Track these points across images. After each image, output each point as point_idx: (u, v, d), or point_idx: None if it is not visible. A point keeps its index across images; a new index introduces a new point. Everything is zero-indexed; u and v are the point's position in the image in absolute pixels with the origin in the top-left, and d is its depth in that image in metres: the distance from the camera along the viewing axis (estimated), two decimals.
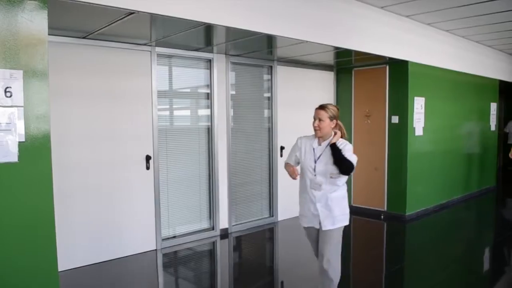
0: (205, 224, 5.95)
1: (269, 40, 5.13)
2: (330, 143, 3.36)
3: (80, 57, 4.55)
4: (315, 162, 3.45)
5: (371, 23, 5.65)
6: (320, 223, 3.48)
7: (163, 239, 5.37)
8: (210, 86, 5.78)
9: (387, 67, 6.86)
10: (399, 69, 6.71)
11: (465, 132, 8.45)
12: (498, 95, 9.95)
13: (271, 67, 6.49)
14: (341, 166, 3.32)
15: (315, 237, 3.64)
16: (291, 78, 6.77)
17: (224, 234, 5.99)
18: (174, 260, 5.19)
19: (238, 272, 5.05)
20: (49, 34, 2.88)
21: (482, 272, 5.00)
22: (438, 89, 7.44)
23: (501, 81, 9.66)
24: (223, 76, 5.87)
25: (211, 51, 5.63)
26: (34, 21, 2.73)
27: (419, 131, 6.97)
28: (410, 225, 6.70)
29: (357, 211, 7.32)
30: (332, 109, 3.40)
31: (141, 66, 5.05)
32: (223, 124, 5.91)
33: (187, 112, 5.95)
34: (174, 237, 5.54)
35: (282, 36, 4.65)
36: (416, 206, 7.03)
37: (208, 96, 5.80)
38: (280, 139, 6.63)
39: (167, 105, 5.55)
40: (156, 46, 5.11)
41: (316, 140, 3.49)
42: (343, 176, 3.45)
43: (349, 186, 7.41)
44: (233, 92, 6.10)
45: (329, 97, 7.51)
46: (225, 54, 5.85)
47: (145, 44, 5.00)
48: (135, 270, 4.78)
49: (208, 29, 4.45)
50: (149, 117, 5.13)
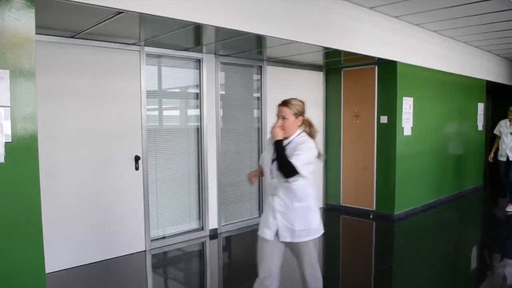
0: (195, 225, 5.93)
1: (259, 40, 5.13)
2: (274, 140, 2.95)
3: (69, 57, 4.51)
4: (272, 163, 3.04)
5: (360, 24, 5.67)
6: (278, 234, 3.03)
7: (152, 240, 5.35)
8: (200, 86, 5.76)
9: (376, 68, 6.90)
10: (388, 70, 6.75)
11: (453, 132, 8.52)
12: (485, 96, 10.05)
13: (261, 67, 6.48)
14: (280, 168, 2.91)
15: (268, 252, 3.11)
16: (281, 78, 6.77)
17: (214, 235, 5.97)
18: (164, 261, 5.17)
19: (228, 273, 5.04)
20: (37, 34, 2.85)
21: (469, 271, 5.05)
22: (427, 89, 7.50)
23: (488, 82, 9.76)
24: (213, 76, 5.86)
25: (201, 51, 5.62)
26: (21, 20, 2.69)
27: (408, 131, 7.02)
28: (399, 225, 6.75)
29: (346, 211, 7.35)
30: (297, 104, 3.02)
31: (130, 66, 5.02)
32: (213, 124, 5.90)
33: (177, 112, 5.93)
34: (164, 238, 5.51)
35: (272, 36, 4.65)
36: (405, 206, 7.07)
37: (198, 96, 5.78)
38: None
39: (156, 105, 5.52)
40: (145, 46, 5.08)
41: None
42: (305, 183, 3.02)
43: (338, 186, 7.47)
44: (223, 92, 6.08)
45: (319, 97, 7.53)
46: (215, 54, 5.83)
47: (134, 44, 4.97)
48: (124, 272, 4.75)
49: (198, 29, 4.44)
50: (138, 117, 5.10)
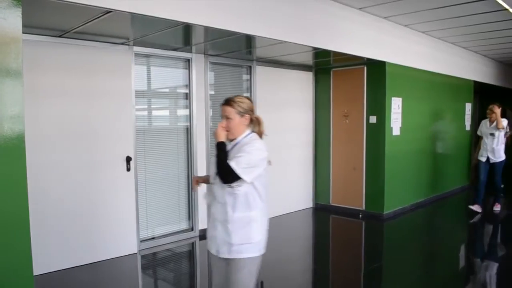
0: (184, 225, 5.91)
1: (248, 40, 5.13)
2: (216, 141, 2.65)
3: (57, 56, 4.46)
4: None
5: (350, 24, 5.69)
6: (217, 249, 2.71)
7: (142, 241, 5.31)
8: (189, 86, 5.74)
9: (365, 68, 6.93)
10: (377, 70, 6.78)
11: (441, 132, 8.59)
12: (473, 96, 10.15)
13: (250, 67, 6.48)
14: (218, 172, 2.59)
15: (216, 268, 2.84)
16: (270, 78, 6.78)
17: (203, 235, 5.93)
18: (153, 262, 5.14)
19: None
20: (24, 33, 2.82)
21: (457, 270, 5.09)
22: (415, 90, 7.55)
23: (476, 82, 9.86)
24: (202, 76, 5.84)
25: (190, 51, 5.60)
26: (7, 19, 2.66)
27: (397, 131, 7.07)
28: (388, 224, 6.79)
29: (336, 210, 7.38)
30: (241, 102, 2.75)
31: (120, 66, 4.96)
32: (202, 124, 5.88)
33: (166, 112, 5.90)
34: (153, 239, 5.49)
35: (261, 36, 4.64)
36: (394, 205, 7.12)
37: (187, 96, 5.76)
38: None
39: (146, 105, 5.49)
40: (134, 46, 5.05)
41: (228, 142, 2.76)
42: (251, 190, 2.61)
43: (328, 186, 7.49)
44: (212, 92, 6.07)
45: (308, 97, 7.55)
46: (204, 54, 5.82)
47: (123, 44, 4.93)
48: (114, 273, 4.71)
49: (187, 29, 4.42)
50: (129, 117, 5.05)
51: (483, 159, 7.23)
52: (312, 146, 7.69)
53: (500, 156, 7.14)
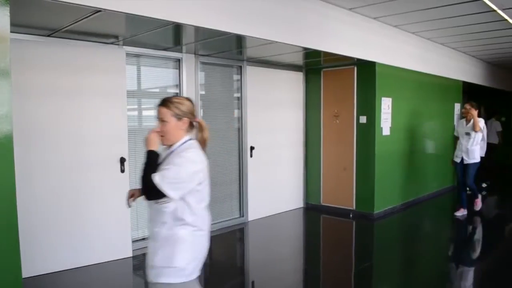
0: None
1: (239, 40, 5.12)
2: (147, 150, 2.35)
3: (46, 56, 4.39)
4: None
5: (340, 25, 5.71)
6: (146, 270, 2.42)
7: (133, 241, 5.26)
8: (179, 86, 5.72)
9: (355, 68, 6.96)
10: (367, 70, 6.81)
11: (430, 132, 8.65)
12: (462, 96, 10.23)
13: (241, 67, 6.48)
14: (141, 185, 2.30)
15: None
16: (261, 79, 6.78)
17: None
18: (144, 263, 5.09)
19: (209, 273, 5.01)
20: (12, 32, 2.79)
21: (447, 269, 5.13)
22: (405, 90, 7.59)
23: (465, 82, 9.94)
24: (192, 76, 5.82)
25: (180, 51, 5.58)
26: None
27: (386, 131, 7.10)
28: (378, 223, 6.82)
29: (327, 210, 7.40)
30: (179, 103, 2.37)
31: (112, 65, 4.87)
32: None
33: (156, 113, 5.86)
34: (144, 239, 5.44)
35: (251, 36, 4.63)
36: (384, 205, 7.15)
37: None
38: (250, 139, 6.63)
39: (136, 105, 5.46)
40: (124, 45, 5.01)
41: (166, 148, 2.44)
42: (181, 207, 2.26)
43: (318, 186, 7.50)
44: (203, 92, 6.06)
45: (298, 98, 7.56)
46: (194, 54, 5.80)
47: (113, 43, 4.89)
48: (106, 275, 4.67)
49: (177, 29, 4.41)
50: (121, 118, 4.94)
51: (458, 160, 6.97)
52: (303, 146, 7.71)
53: (474, 158, 6.79)
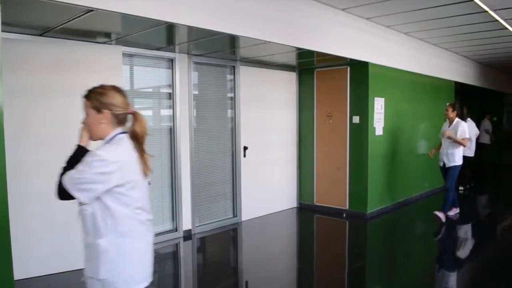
0: (168, 226, 5.87)
1: (232, 40, 5.12)
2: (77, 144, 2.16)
3: (37, 55, 4.33)
4: None
5: (333, 25, 5.72)
6: None
7: None
8: (172, 86, 5.71)
9: (348, 68, 6.98)
10: (360, 70, 6.83)
11: (423, 132, 8.69)
12: (454, 96, 10.29)
13: (234, 67, 6.47)
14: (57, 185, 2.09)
15: None
16: (254, 79, 6.78)
17: (188, 236, 5.93)
18: None
19: (203, 274, 5.02)
20: (3, 31, 2.77)
21: (440, 267, 5.16)
22: (397, 90, 7.62)
23: (457, 83, 10.00)
24: (186, 76, 5.81)
25: (173, 51, 5.57)
26: None
27: (379, 131, 7.13)
28: (371, 223, 6.84)
29: (320, 210, 7.41)
30: (101, 94, 2.09)
31: (105, 64, 4.74)
32: (186, 124, 5.85)
33: (149, 112, 5.85)
34: None
35: (245, 36, 4.64)
36: (377, 204, 7.18)
37: (170, 96, 5.73)
38: (243, 139, 6.63)
39: None
40: (117, 45, 4.98)
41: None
42: (99, 211, 1.99)
43: (312, 185, 7.51)
44: (196, 92, 6.05)
45: (292, 98, 7.57)
46: (188, 54, 5.79)
47: (105, 43, 4.87)
48: None
49: (170, 28, 4.40)
50: None
51: (441, 164, 6.76)
52: (296, 146, 7.72)
53: (454, 161, 6.47)
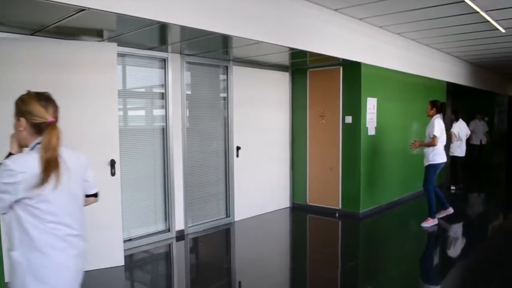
0: (161, 226, 5.85)
1: (225, 40, 5.11)
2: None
3: (29, 54, 4.25)
4: None
5: (326, 25, 5.74)
6: None
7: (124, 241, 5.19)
8: (165, 86, 5.69)
9: (341, 68, 6.99)
10: (352, 70, 6.85)
11: (415, 132, 8.73)
12: (446, 96, 10.36)
13: (227, 67, 6.47)
14: None
15: None
16: (247, 79, 6.78)
17: (180, 236, 5.91)
18: (130, 263, 5.06)
19: (196, 274, 5.01)
20: None
21: (432, 267, 5.19)
22: (390, 90, 7.66)
23: (448, 83, 10.07)
24: (178, 76, 5.80)
25: (166, 50, 5.55)
26: None
27: (372, 131, 7.15)
28: (364, 223, 6.87)
29: (313, 210, 7.43)
30: (19, 100, 2.07)
31: (99, 62, 4.60)
32: (179, 125, 5.83)
33: (142, 112, 5.84)
34: (130, 240, 5.41)
35: (238, 36, 4.63)
36: (370, 204, 7.20)
37: (163, 96, 5.71)
38: (236, 139, 6.63)
39: (121, 105, 5.41)
40: (111, 42, 4.93)
41: None
42: (15, 220, 1.94)
43: (305, 185, 7.53)
44: (189, 92, 6.03)
45: (285, 98, 7.58)
46: (180, 54, 5.78)
47: (98, 42, 4.84)
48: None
49: (162, 28, 4.38)
50: (112, 118, 4.64)
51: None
52: (289, 146, 7.73)
53: (428, 160, 6.38)
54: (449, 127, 8.92)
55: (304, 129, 7.54)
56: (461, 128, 9.14)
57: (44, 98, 2.06)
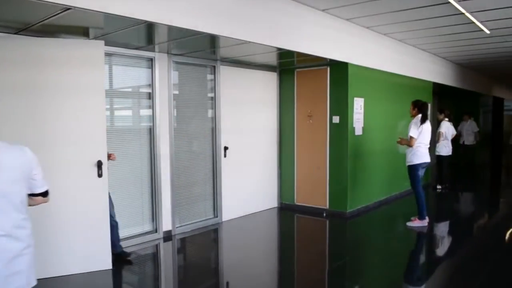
0: (148, 227, 5.82)
1: (212, 40, 5.10)
2: None
3: (14, 52, 4.18)
4: None
5: (313, 26, 5.75)
6: None
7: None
8: (152, 86, 5.65)
9: (328, 69, 7.01)
10: (339, 71, 6.87)
11: (402, 131, 8.78)
12: (432, 96, 10.45)
13: (214, 67, 6.45)
14: None
15: None
16: (235, 79, 6.77)
17: (168, 237, 5.88)
18: (117, 264, 5.01)
19: (183, 275, 4.99)
20: None
21: (419, 265, 5.23)
22: (376, 90, 7.70)
23: (435, 83, 10.16)
24: (165, 76, 5.76)
25: (153, 50, 5.51)
26: None
27: (359, 131, 7.19)
28: (351, 222, 6.90)
29: (301, 209, 7.44)
30: None
31: (86, 60, 4.51)
32: (166, 125, 5.80)
33: (129, 112, 5.79)
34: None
35: (225, 36, 4.63)
36: (357, 203, 7.24)
37: (150, 96, 5.67)
38: (224, 140, 6.62)
39: (108, 105, 5.36)
40: (98, 40, 4.87)
41: None
42: None
43: (292, 185, 7.54)
44: (176, 92, 6.00)
45: (272, 98, 7.58)
46: (167, 53, 5.74)
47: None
48: (79, 276, 4.58)
49: (149, 28, 4.36)
50: (99, 118, 4.56)
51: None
52: (277, 146, 7.73)
53: (406, 161, 6.43)
54: (435, 127, 8.99)
55: (292, 129, 7.56)
56: (449, 128, 9.25)
57: None
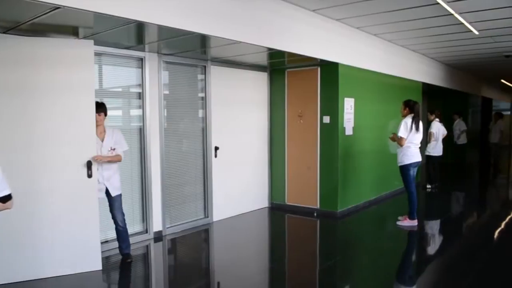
0: (138, 228, 5.79)
1: (203, 40, 5.09)
2: None
3: (0, 53, 4.16)
4: None
5: (303, 26, 5.77)
6: None
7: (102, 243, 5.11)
8: (142, 86, 5.62)
9: (319, 69, 7.03)
10: (330, 71, 6.89)
11: (391, 131, 8.81)
12: (422, 96, 10.52)
13: (205, 67, 6.43)
14: None
15: None
16: (225, 78, 6.76)
17: (158, 237, 5.86)
18: (107, 266, 4.99)
19: (174, 275, 4.97)
20: None
21: (409, 264, 5.26)
22: (367, 91, 7.74)
23: (424, 83, 10.23)
24: (156, 76, 5.74)
25: (143, 50, 5.49)
26: None
27: (349, 131, 7.22)
28: (342, 221, 6.92)
29: (291, 209, 7.45)
30: None
31: (75, 59, 4.46)
32: (156, 125, 5.78)
33: (118, 112, 5.76)
34: (106, 242, 5.33)
35: (216, 36, 4.62)
36: (347, 203, 7.27)
37: (140, 96, 5.65)
38: (214, 140, 6.60)
39: None
40: (87, 39, 4.83)
41: None
42: None
43: (283, 185, 7.55)
44: (166, 92, 5.98)
45: (263, 98, 7.58)
46: (158, 53, 5.72)
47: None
48: (68, 278, 4.55)
49: (139, 27, 4.34)
50: (88, 117, 4.50)
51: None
52: (267, 146, 7.74)
53: (398, 161, 6.44)
54: (426, 127, 9.04)
55: (283, 129, 7.57)
56: (439, 129, 9.31)
57: None
